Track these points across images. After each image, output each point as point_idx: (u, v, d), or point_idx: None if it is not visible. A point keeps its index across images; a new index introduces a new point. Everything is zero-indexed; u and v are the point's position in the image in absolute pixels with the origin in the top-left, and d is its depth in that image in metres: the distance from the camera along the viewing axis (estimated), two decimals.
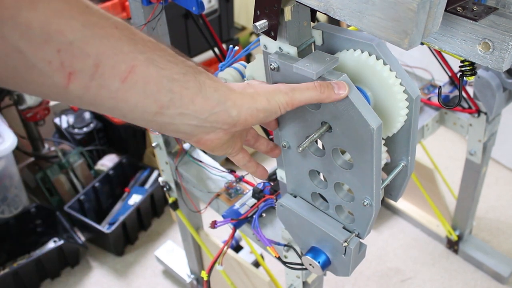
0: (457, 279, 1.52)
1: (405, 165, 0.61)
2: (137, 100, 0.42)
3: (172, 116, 0.45)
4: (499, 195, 1.78)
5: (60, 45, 0.37)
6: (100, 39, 0.39)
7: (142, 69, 0.41)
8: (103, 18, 0.40)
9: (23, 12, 0.35)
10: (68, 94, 0.40)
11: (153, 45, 0.43)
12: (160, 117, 0.44)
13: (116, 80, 0.40)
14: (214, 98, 0.46)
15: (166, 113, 0.44)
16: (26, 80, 0.38)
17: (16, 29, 0.35)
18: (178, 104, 0.44)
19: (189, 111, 0.45)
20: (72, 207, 1.60)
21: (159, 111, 0.44)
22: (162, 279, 1.57)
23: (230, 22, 1.93)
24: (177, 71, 0.44)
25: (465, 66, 0.70)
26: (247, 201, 0.88)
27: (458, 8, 0.51)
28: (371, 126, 0.50)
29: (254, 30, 0.54)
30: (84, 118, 1.86)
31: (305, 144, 0.55)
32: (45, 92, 0.40)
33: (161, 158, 1.10)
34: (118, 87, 0.41)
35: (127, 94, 0.41)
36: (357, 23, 0.46)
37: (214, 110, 0.46)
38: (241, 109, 0.48)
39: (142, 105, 0.43)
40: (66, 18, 0.37)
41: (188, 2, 0.82)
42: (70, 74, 0.38)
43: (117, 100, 0.42)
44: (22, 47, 0.36)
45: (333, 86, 0.50)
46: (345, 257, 0.64)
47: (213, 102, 0.46)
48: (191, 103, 0.45)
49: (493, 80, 1.06)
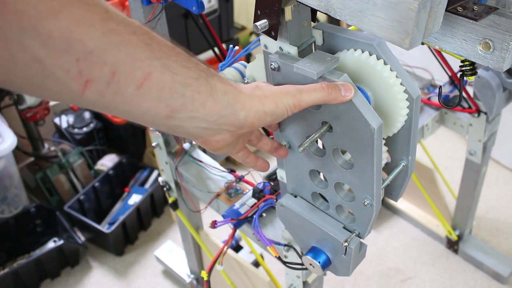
0: (457, 279, 1.52)
1: (406, 165, 0.61)
2: (150, 105, 0.42)
3: (182, 120, 0.45)
4: (499, 195, 1.78)
5: (79, 54, 0.37)
6: (117, 47, 0.39)
7: (157, 75, 0.41)
8: (122, 24, 0.39)
9: (44, 21, 0.35)
10: (82, 100, 0.40)
11: (169, 49, 0.43)
12: (171, 120, 0.45)
13: (131, 86, 0.41)
14: (224, 101, 0.46)
15: (177, 116, 0.44)
16: (42, 87, 0.38)
17: (37, 38, 0.35)
18: (189, 108, 0.44)
19: (199, 115, 0.45)
20: (72, 207, 1.60)
21: (170, 115, 0.44)
22: (162, 279, 1.57)
23: (230, 22, 1.93)
24: (190, 76, 0.44)
25: (465, 66, 0.70)
26: (247, 201, 0.88)
27: (459, 8, 0.51)
28: (372, 126, 0.50)
29: (255, 30, 0.54)
30: (84, 118, 1.86)
31: (305, 144, 0.55)
32: (59, 98, 0.40)
33: (161, 158, 1.10)
34: (132, 93, 0.41)
35: (140, 99, 0.42)
36: (358, 23, 0.46)
37: (223, 113, 0.47)
38: (249, 112, 0.48)
39: (154, 110, 0.43)
40: (87, 26, 0.37)
41: (188, 2, 0.82)
42: (86, 82, 0.38)
43: (130, 105, 0.42)
44: (41, 56, 0.36)
45: (339, 88, 0.50)
46: (346, 257, 0.64)
47: (223, 105, 0.46)
48: (202, 106, 0.45)
49: (493, 80, 1.06)
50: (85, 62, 0.37)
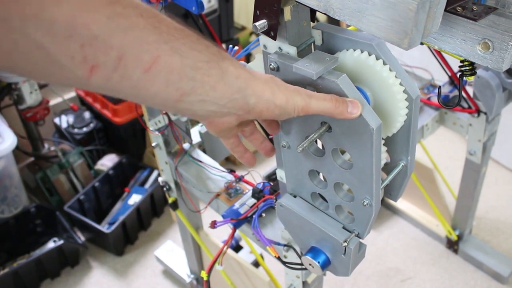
0: (457, 279, 1.52)
1: (405, 165, 0.61)
2: (158, 88, 0.42)
3: (192, 103, 0.45)
4: (499, 195, 1.78)
5: (83, 40, 0.36)
6: (124, 31, 0.38)
7: (165, 58, 0.41)
8: (128, 6, 0.39)
9: (47, 8, 0.34)
10: (89, 84, 0.39)
11: (178, 32, 0.42)
12: (181, 104, 0.44)
13: (138, 70, 0.40)
14: (235, 85, 0.46)
15: (187, 100, 0.44)
16: (47, 73, 0.38)
17: (40, 26, 0.34)
18: (199, 92, 0.44)
19: (209, 98, 0.45)
20: (72, 207, 1.60)
21: (180, 99, 0.44)
22: (162, 279, 1.57)
23: (230, 22, 1.93)
24: (201, 59, 0.43)
25: (464, 66, 0.70)
26: (246, 201, 0.88)
27: (458, 8, 0.51)
28: (371, 126, 0.50)
29: (254, 30, 0.54)
30: (84, 118, 1.86)
31: (304, 144, 0.55)
32: (66, 83, 0.40)
33: (161, 158, 1.10)
34: (140, 77, 0.40)
35: (149, 83, 0.41)
36: (357, 23, 0.46)
37: (233, 97, 0.46)
38: (259, 99, 0.47)
39: (163, 93, 0.42)
40: (91, 11, 0.36)
41: (187, 2, 0.82)
42: (92, 67, 0.38)
43: (138, 89, 0.41)
44: (44, 44, 0.35)
45: (347, 104, 0.50)
46: (345, 257, 0.64)
47: (234, 89, 0.46)
48: (212, 90, 0.45)
49: (493, 80, 1.06)
50: (90, 48, 0.37)
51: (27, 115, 1.67)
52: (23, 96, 1.62)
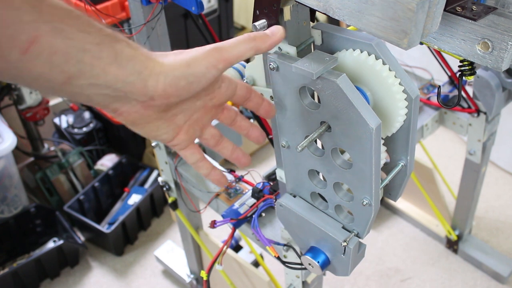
0: (457, 279, 1.52)
1: (405, 165, 0.61)
2: (41, 70, 0.40)
3: (81, 87, 0.43)
4: (498, 195, 1.78)
5: None
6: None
7: (47, 39, 0.39)
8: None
9: None
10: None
11: (63, 13, 0.40)
12: (69, 87, 0.42)
13: (15, 51, 0.38)
14: (129, 67, 0.43)
15: (75, 83, 0.42)
16: None
17: None
18: (89, 75, 0.42)
19: (100, 81, 0.43)
20: (72, 207, 1.60)
21: (67, 82, 0.42)
22: (162, 279, 1.57)
23: (229, 22, 1.93)
24: (90, 41, 0.41)
25: (464, 65, 0.70)
26: (246, 200, 0.88)
27: (457, 8, 0.51)
28: (370, 126, 0.50)
29: (254, 30, 0.54)
30: (83, 118, 1.86)
31: (304, 143, 0.55)
32: None
33: (160, 158, 1.10)
34: (18, 58, 0.38)
35: (29, 64, 0.39)
36: (356, 23, 0.46)
37: (128, 80, 0.44)
38: (158, 79, 0.44)
39: (47, 76, 0.41)
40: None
41: (187, 2, 0.82)
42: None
43: (19, 70, 0.39)
44: None
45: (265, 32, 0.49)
46: (345, 256, 0.64)
47: (128, 71, 0.43)
48: (103, 73, 0.42)
49: (493, 79, 1.06)
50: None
51: (27, 115, 1.67)
52: (23, 96, 1.62)
